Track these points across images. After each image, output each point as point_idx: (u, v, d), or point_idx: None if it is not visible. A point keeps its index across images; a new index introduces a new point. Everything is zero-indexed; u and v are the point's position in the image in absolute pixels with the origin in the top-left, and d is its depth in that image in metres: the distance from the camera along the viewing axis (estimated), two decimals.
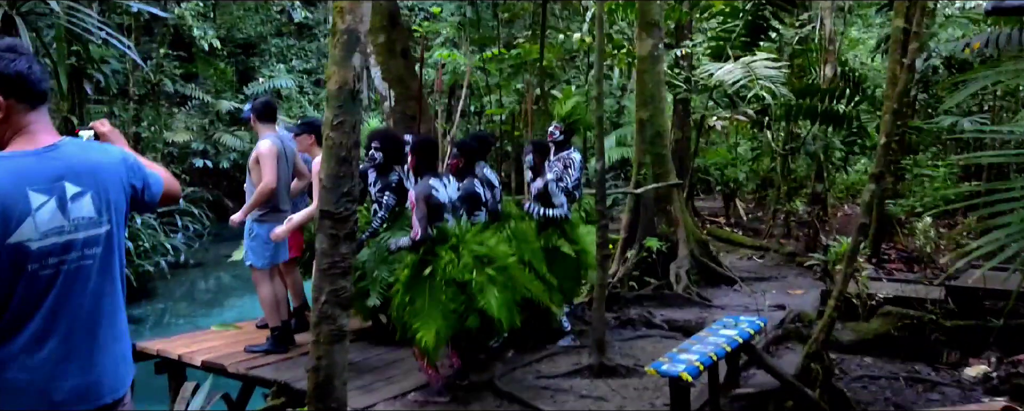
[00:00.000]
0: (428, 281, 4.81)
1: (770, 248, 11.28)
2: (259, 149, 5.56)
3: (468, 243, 4.90)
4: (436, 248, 4.91)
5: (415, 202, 4.86)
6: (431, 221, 4.91)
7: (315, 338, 3.96)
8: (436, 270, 4.80)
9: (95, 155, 2.41)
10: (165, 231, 15.16)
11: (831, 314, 4.75)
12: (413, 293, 4.83)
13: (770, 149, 13.85)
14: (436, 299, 4.76)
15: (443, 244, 4.93)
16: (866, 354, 5.92)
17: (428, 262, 4.85)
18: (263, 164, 5.49)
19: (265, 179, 5.45)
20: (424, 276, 4.83)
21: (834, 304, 4.74)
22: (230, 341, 6.10)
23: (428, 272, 4.81)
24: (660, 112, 8.81)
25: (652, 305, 7.63)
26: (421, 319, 4.75)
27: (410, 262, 4.94)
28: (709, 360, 4.20)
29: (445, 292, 4.76)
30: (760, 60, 9.33)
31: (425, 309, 4.76)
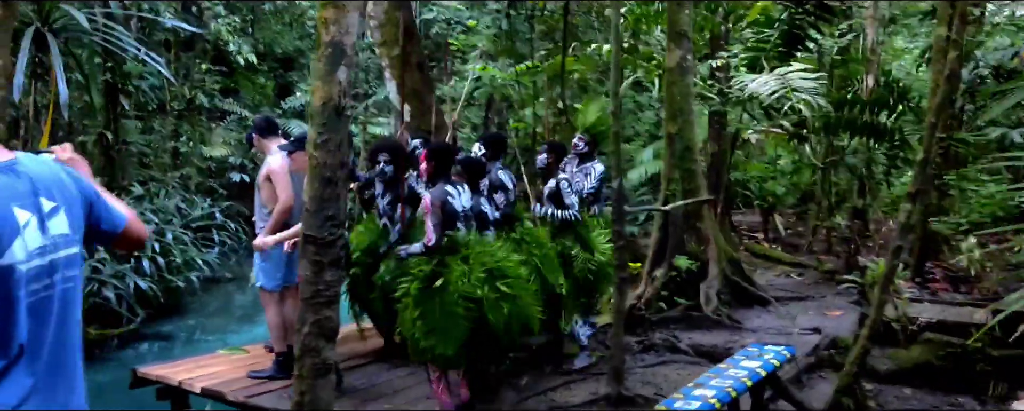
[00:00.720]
0: (439, 294, 4.57)
1: (809, 265, 10.83)
2: (270, 165, 5.40)
3: (479, 255, 4.65)
4: (447, 258, 4.68)
5: (429, 208, 4.64)
6: (445, 228, 4.69)
7: (298, 372, 3.73)
8: (448, 282, 4.55)
9: (54, 168, 2.20)
10: (199, 247, 15.18)
11: (864, 344, 4.39)
12: (424, 307, 4.58)
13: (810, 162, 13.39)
14: (449, 312, 4.51)
15: (454, 254, 4.70)
16: (905, 384, 5.51)
17: (439, 274, 4.61)
18: (276, 181, 5.33)
19: (281, 197, 5.28)
20: (435, 289, 4.58)
21: (867, 333, 4.37)
22: (235, 366, 5.92)
23: (439, 284, 4.56)
24: (689, 125, 8.46)
25: (679, 328, 7.28)
26: (437, 335, 4.50)
27: (419, 274, 4.69)
28: (727, 397, 3.87)
29: (459, 305, 4.50)
30: (795, 71, 8.93)
31: (439, 324, 4.52)
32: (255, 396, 5.23)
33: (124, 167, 15.45)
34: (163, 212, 14.85)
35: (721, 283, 8.11)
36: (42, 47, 11.24)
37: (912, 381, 5.52)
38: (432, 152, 4.88)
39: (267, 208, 5.45)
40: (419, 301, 4.54)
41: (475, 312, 4.48)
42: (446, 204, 4.69)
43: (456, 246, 4.67)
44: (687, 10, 8.48)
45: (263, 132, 5.58)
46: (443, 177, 4.86)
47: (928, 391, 5.42)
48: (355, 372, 5.89)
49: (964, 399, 5.28)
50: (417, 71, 7.31)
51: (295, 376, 3.72)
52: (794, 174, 13.73)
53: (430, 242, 4.60)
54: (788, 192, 13.92)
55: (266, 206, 5.46)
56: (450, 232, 4.68)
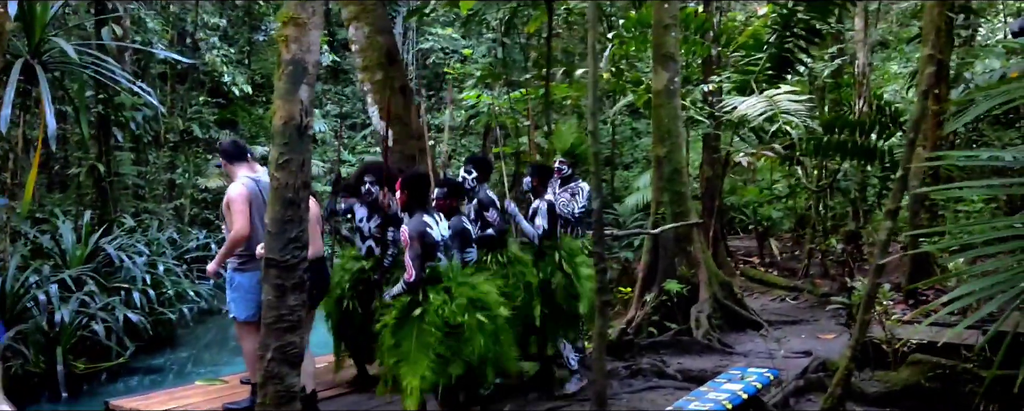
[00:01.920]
0: (416, 323, 4.47)
1: (804, 289, 10.72)
2: (229, 193, 5.28)
3: (461, 285, 4.54)
4: (427, 289, 4.58)
5: (408, 241, 4.52)
6: (425, 260, 4.59)
7: (261, 400, 3.63)
8: (426, 312, 4.44)
9: None
10: (194, 278, 15.07)
11: (848, 366, 4.28)
12: (399, 336, 4.49)
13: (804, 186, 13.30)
14: (423, 342, 4.41)
15: (435, 285, 4.59)
16: (894, 406, 5.38)
17: (417, 303, 4.51)
18: (232, 209, 5.19)
19: (235, 226, 5.12)
20: (412, 318, 4.48)
21: (850, 354, 4.26)
22: (211, 397, 5.81)
23: (417, 313, 4.45)
24: (677, 148, 8.41)
25: (668, 353, 7.16)
26: (408, 363, 4.39)
27: (398, 304, 4.59)
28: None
29: (433, 335, 4.40)
30: (783, 93, 8.91)
31: (411, 353, 4.42)
32: None
33: (117, 199, 15.40)
34: (156, 244, 14.77)
35: (712, 307, 8.00)
36: (32, 79, 11.26)
37: (901, 403, 5.39)
38: (406, 181, 4.78)
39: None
40: (395, 331, 4.43)
41: (451, 342, 4.36)
42: (425, 236, 4.59)
43: (437, 276, 4.57)
44: (673, 33, 8.48)
45: (230, 157, 5.46)
46: (419, 207, 4.77)
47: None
48: (333, 402, 5.77)
49: None
50: (400, 95, 7.27)
51: (258, 404, 3.61)
52: (789, 198, 13.66)
53: (411, 278, 4.49)
54: (784, 216, 13.85)
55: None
56: (430, 263, 4.58)
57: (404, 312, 4.45)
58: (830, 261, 12.25)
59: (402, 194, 4.73)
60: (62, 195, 15.90)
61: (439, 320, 4.35)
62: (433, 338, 4.32)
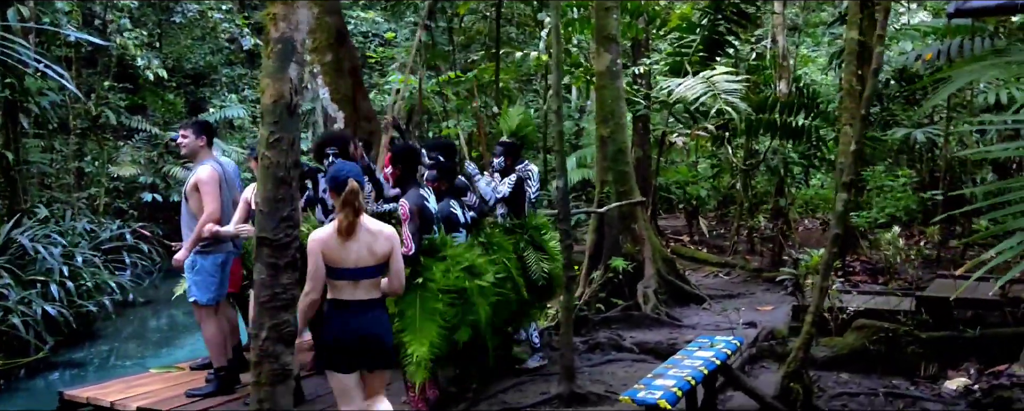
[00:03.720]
0: (419, 290, 4.43)
1: (736, 265, 11.12)
2: (198, 175, 5.17)
3: (456, 255, 4.56)
4: (425, 259, 4.58)
5: (408, 215, 4.48)
6: (423, 233, 4.60)
7: (256, 378, 3.58)
8: (428, 280, 4.42)
9: None
10: (111, 269, 14.48)
11: (809, 330, 4.51)
12: (403, 305, 4.41)
13: (730, 165, 13.77)
14: (428, 309, 4.36)
15: (432, 256, 4.59)
16: (842, 370, 5.69)
17: (418, 272, 4.49)
18: (203, 191, 5.09)
19: (208, 209, 5.04)
20: (415, 285, 4.43)
21: (812, 320, 4.50)
22: (169, 384, 5.67)
23: (419, 281, 4.42)
24: (621, 128, 8.60)
25: (621, 327, 7.35)
26: (412, 332, 4.34)
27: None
28: (687, 385, 3.91)
29: (439, 301, 4.36)
30: (720, 74, 9.21)
31: (416, 321, 4.37)
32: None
33: (25, 189, 14.64)
34: (70, 234, 14.13)
35: (657, 282, 8.24)
36: None
37: (848, 366, 5.71)
38: (397, 155, 4.75)
39: (196, 220, 5.23)
40: (397, 300, 4.40)
41: (458, 309, 4.39)
42: (424, 209, 4.59)
43: (434, 247, 4.58)
44: (615, 14, 8.63)
45: (208, 135, 5.35)
46: (412, 181, 4.75)
47: (864, 375, 5.60)
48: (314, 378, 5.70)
49: (898, 381, 5.48)
50: (350, 77, 7.19)
51: (252, 383, 3.58)
52: (715, 178, 14.11)
53: (409, 252, 4.43)
54: (710, 195, 14.29)
55: (194, 217, 5.24)
56: (427, 236, 4.59)
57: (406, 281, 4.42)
58: (756, 237, 12.75)
59: (395, 169, 4.71)
60: None
61: (442, 286, 4.36)
62: (439, 303, 4.33)
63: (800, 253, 7.73)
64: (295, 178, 3.64)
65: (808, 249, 11.68)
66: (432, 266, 4.46)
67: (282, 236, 3.56)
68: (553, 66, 5.40)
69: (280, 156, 3.57)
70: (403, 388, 5.03)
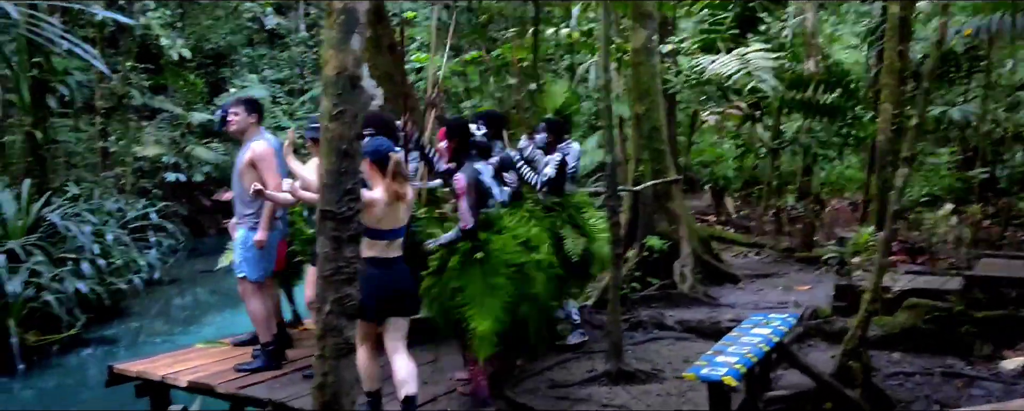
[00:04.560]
0: (480, 265, 4.39)
1: (765, 245, 11.02)
2: (254, 151, 5.14)
3: (511, 228, 4.51)
4: (482, 234, 4.52)
5: (463, 190, 4.44)
6: (479, 208, 4.55)
7: (320, 352, 3.57)
8: (488, 254, 4.39)
9: None
10: (138, 248, 14.57)
11: (868, 308, 4.45)
12: (465, 280, 4.39)
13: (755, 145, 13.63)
14: (491, 283, 4.35)
15: (489, 230, 4.55)
16: (893, 349, 5.63)
17: (478, 247, 4.44)
18: (262, 167, 5.07)
19: (271, 183, 5.03)
20: (475, 260, 4.40)
21: (871, 297, 4.44)
22: (216, 359, 5.67)
23: (480, 256, 4.39)
24: (657, 106, 8.50)
25: (660, 306, 7.32)
26: (475, 307, 4.32)
27: (460, 248, 4.50)
28: (749, 362, 3.87)
29: (501, 275, 4.35)
30: (755, 51, 9.06)
31: (479, 296, 4.34)
32: (246, 387, 5.00)
33: (54, 168, 14.72)
34: (99, 213, 14.21)
35: (693, 261, 8.17)
36: None
37: (900, 346, 5.65)
38: (452, 129, 4.69)
39: (251, 198, 5.21)
40: (459, 275, 4.37)
41: (518, 282, 4.35)
42: (479, 183, 4.54)
43: (490, 221, 4.53)
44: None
45: (259, 112, 5.33)
46: (466, 155, 4.69)
47: (916, 355, 5.55)
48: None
49: (952, 361, 5.42)
50: (389, 53, 7.13)
51: (315, 357, 3.56)
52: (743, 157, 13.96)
53: (467, 226, 4.41)
54: (736, 175, 14.17)
55: (250, 194, 5.21)
56: (483, 210, 4.55)
57: (466, 256, 4.39)
58: (785, 218, 12.65)
59: (450, 143, 4.66)
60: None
61: (502, 261, 4.32)
62: (501, 278, 4.29)
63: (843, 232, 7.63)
64: (358, 151, 3.61)
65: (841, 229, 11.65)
66: (492, 239, 4.41)
67: (345, 209, 3.53)
68: (602, 41, 5.32)
69: (343, 129, 3.52)
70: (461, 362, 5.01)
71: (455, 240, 4.49)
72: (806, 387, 4.50)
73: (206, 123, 21.63)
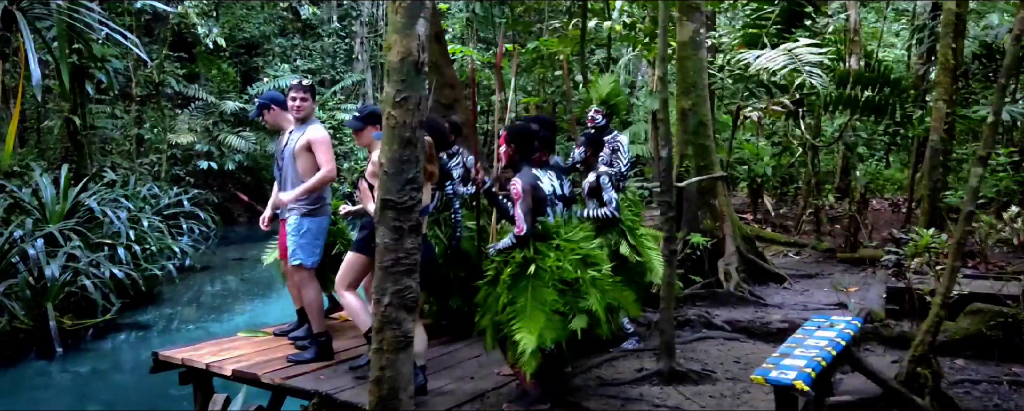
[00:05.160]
0: (532, 280, 4.26)
1: (807, 245, 10.81)
2: (312, 135, 5.08)
3: (569, 241, 4.38)
4: (539, 245, 4.38)
5: (520, 194, 4.31)
6: (536, 215, 4.41)
7: (378, 345, 3.47)
8: (541, 269, 4.26)
9: None
10: (172, 234, 14.65)
11: (939, 313, 4.27)
12: (515, 293, 4.27)
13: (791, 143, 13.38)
14: (540, 299, 4.21)
15: (546, 241, 4.40)
16: (956, 355, 5.44)
17: (531, 260, 4.31)
18: (319, 151, 5.03)
19: (325, 168, 4.99)
20: (528, 275, 4.27)
21: (942, 302, 4.26)
22: (259, 348, 5.60)
23: (532, 271, 4.25)
24: (703, 100, 8.33)
25: (705, 304, 7.16)
26: (524, 320, 4.18)
27: (513, 260, 4.35)
28: (819, 366, 3.72)
29: (550, 292, 4.21)
30: (803, 46, 8.85)
31: (527, 309, 4.21)
32: (292, 378, 4.93)
33: (92, 154, 14.83)
34: (134, 199, 14.29)
35: (738, 260, 8.01)
36: (9, 26, 10.66)
37: (963, 352, 5.45)
38: (513, 135, 4.55)
39: (304, 180, 5.14)
40: (510, 287, 4.24)
41: (568, 298, 4.22)
42: (537, 189, 4.40)
43: (548, 232, 4.40)
44: None
45: (315, 95, 5.29)
46: (525, 161, 4.55)
47: (980, 362, 5.35)
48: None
49: (1019, 369, 5.22)
50: (436, 43, 7.03)
51: (373, 350, 3.47)
52: (779, 156, 13.74)
53: (521, 231, 4.28)
54: (773, 173, 13.94)
55: (304, 179, 5.14)
56: (540, 218, 4.42)
57: (519, 269, 4.26)
58: (825, 217, 12.41)
59: (508, 148, 4.52)
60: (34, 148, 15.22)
61: (554, 277, 4.18)
62: (551, 296, 4.16)
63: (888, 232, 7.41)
64: (420, 139, 3.50)
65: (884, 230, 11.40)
66: (546, 254, 4.27)
67: (407, 199, 3.43)
68: (660, 33, 5.18)
69: (407, 115, 3.42)
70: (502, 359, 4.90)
71: (510, 247, 4.36)
72: (871, 393, 4.33)
73: (238, 111, 21.72)
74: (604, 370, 5.38)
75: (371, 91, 27.16)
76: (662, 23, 5.20)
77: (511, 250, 4.34)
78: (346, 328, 6.15)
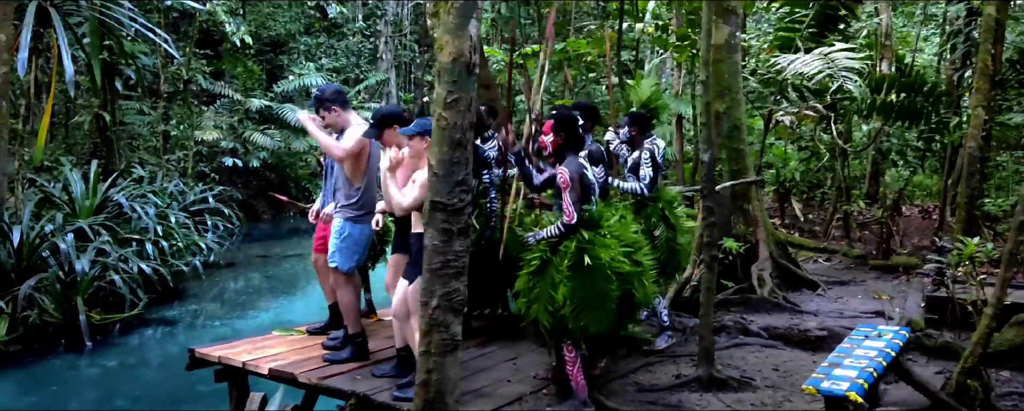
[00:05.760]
0: (588, 272, 4.22)
1: (838, 251, 10.68)
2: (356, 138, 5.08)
3: (614, 229, 4.35)
4: (588, 234, 4.34)
5: (568, 183, 4.27)
6: (583, 203, 4.38)
7: (425, 348, 3.44)
8: (593, 257, 4.22)
9: None
10: (198, 230, 14.74)
11: (989, 324, 4.19)
12: (572, 285, 4.23)
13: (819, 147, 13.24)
14: (600, 290, 4.19)
15: (594, 229, 4.37)
16: (1001, 367, 5.34)
17: (584, 250, 4.28)
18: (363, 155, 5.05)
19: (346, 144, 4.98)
20: (583, 267, 4.23)
21: (993, 313, 4.18)
22: (294, 347, 5.59)
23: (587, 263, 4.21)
24: (738, 104, 8.25)
25: (739, 310, 7.09)
26: (589, 313, 4.19)
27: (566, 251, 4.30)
28: (871, 377, 3.65)
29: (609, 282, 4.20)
30: (839, 50, 8.74)
31: (589, 301, 4.20)
32: (328, 378, 4.91)
33: (120, 150, 14.94)
34: (161, 195, 14.39)
35: (771, 265, 7.92)
36: (43, 22, 10.74)
37: (1008, 363, 5.35)
38: (560, 122, 4.51)
39: (354, 184, 5.13)
40: (568, 279, 4.20)
41: (623, 287, 4.19)
42: (584, 177, 4.37)
43: (594, 220, 4.36)
44: None
45: (343, 104, 5.28)
46: (572, 150, 4.52)
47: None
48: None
49: None
50: None
51: (420, 352, 3.44)
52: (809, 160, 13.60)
53: (572, 220, 4.25)
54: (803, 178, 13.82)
55: (352, 183, 5.13)
56: (587, 206, 4.39)
57: (575, 260, 4.22)
58: (855, 223, 12.27)
59: (556, 137, 4.49)
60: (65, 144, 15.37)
61: (611, 268, 4.15)
62: (611, 285, 4.14)
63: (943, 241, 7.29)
64: (470, 141, 3.47)
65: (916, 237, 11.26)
66: (597, 244, 4.23)
67: (456, 201, 3.40)
68: (703, 36, 5.13)
69: (458, 117, 3.40)
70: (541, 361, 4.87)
71: (557, 236, 4.32)
72: (918, 405, 4.26)
73: (263, 109, 21.83)
74: (641, 375, 5.33)
75: (395, 90, 27.23)
76: (705, 25, 5.15)
77: (557, 239, 4.29)
78: (381, 329, 6.14)
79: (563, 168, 4.30)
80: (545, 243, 4.36)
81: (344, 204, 5.11)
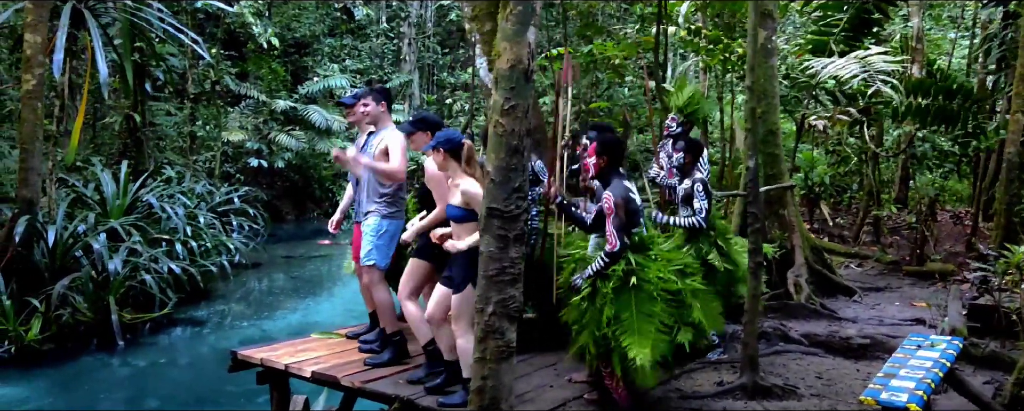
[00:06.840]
0: (634, 292, 4.15)
1: (870, 256, 10.58)
2: (390, 140, 5.07)
3: (664, 253, 4.29)
4: (635, 257, 4.25)
5: (613, 209, 4.17)
6: (629, 228, 4.28)
7: (480, 355, 3.43)
8: (641, 279, 4.15)
9: None
10: (225, 231, 14.84)
11: None
12: (618, 307, 4.16)
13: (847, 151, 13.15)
14: (645, 311, 4.11)
15: (642, 253, 4.28)
16: None
17: (631, 272, 4.20)
18: (394, 152, 5.03)
19: (394, 162, 4.99)
20: (630, 287, 4.16)
21: None
22: (334, 351, 5.60)
23: (634, 283, 4.14)
24: (773, 108, 8.20)
25: (777, 317, 7.02)
26: (631, 336, 4.08)
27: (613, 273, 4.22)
28: (929, 389, 3.60)
29: (657, 304, 4.12)
30: (875, 54, 8.65)
31: (634, 323, 4.10)
32: (370, 382, 4.91)
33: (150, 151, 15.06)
34: (189, 195, 14.49)
35: (807, 271, 7.85)
36: (77, 24, 10.85)
37: None
38: (604, 145, 4.44)
39: (385, 186, 5.14)
40: (614, 301, 4.13)
41: (672, 309, 4.14)
42: (630, 202, 4.27)
43: (644, 244, 4.29)
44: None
45: (382, 99, 5.29)
46: (616, 172, 4.43)
47: None
48: None
49: None
50: None
51: (475, 359, 3.44)
52: (839, 164, 13.51)
53: (615, 248, 4.13)
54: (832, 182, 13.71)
55: (384, 184, 5.14)
56: (635, 229, 4.33)
57: (620, 282, 4.17)
58: (886, 228, 12.15)
59: (599, 159, 4.41)
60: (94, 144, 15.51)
61: (658, 289, 4.10)
62: (657, 307, 4.07)
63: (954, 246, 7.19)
64: (528, 147, 3.46)
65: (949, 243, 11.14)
66: (647, 266, 4.17)
67: (513, 207, 3.39)
68: (749, 40, 5.09)
69: (515, 123, 3.38)
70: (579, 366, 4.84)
71: (603, 267, 4.20)
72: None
73: (288, 110, 21.93)
74: (682, 382, 5.29)
75: (418, 92, 27.28)
76: (751, 30, 5.11)
77: (603, 270, 4.21)
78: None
79: (608, 193, 4.22)
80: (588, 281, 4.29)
81: (379, 201, 5.10)
